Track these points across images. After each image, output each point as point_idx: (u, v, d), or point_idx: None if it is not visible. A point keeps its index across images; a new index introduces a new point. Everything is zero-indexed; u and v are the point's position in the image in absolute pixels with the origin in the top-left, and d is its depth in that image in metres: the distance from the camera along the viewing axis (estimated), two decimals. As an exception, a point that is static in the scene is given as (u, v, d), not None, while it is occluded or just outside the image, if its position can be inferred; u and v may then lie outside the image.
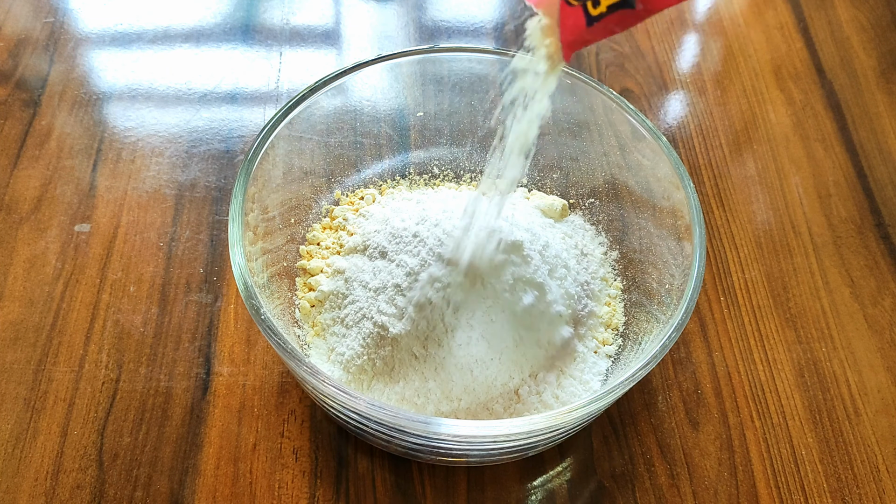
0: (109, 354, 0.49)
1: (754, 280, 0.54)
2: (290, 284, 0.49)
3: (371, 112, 0.55)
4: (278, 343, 0.39)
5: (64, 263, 0.52)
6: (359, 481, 0.45)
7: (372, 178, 0.55)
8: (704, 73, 0.67)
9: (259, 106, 0.62)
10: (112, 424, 0.46)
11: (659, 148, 0.47)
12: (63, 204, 0.55)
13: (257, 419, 0.47)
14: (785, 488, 0.46)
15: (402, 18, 0.70)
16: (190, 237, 0.54)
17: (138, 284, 0.52)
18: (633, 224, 0.51)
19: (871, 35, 0.69)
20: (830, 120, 0.63)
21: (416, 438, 0.39)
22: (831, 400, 0.49)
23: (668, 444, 0.47)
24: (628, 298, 0.50)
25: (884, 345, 0.52)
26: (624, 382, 0.39)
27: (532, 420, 0.38)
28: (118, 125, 0.61)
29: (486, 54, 0.53)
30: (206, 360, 0.49)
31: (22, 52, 0.64)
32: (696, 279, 0.42)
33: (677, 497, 0.45)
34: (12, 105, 0.61)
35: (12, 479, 0.44)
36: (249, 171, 0.44)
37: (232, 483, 0.44)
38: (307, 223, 0.52)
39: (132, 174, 0.57)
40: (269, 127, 0.47)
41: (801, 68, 0.67)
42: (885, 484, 0.46)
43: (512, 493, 0.45)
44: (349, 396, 0.37)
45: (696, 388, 0.49)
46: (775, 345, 0.51)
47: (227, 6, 0.69)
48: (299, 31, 0.68)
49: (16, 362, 0.48)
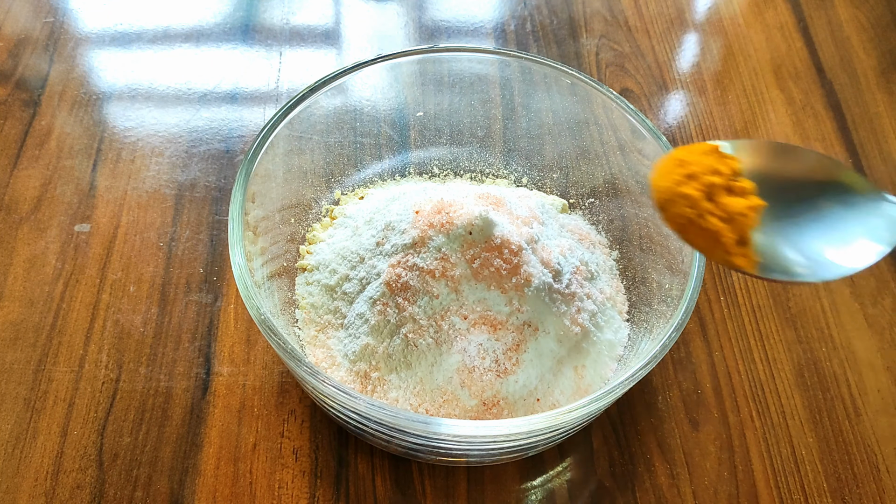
0: (109, 354, 0.49)
1: (754, 280, 0.54)
2: (290, 284, 0.49)
3: (371, 112, 0.55)
4: (278, 343, 0.39)
5: (64, 263, 0.52)
6: (359, 481, 0.45)
7: (372, 177, 0.55)
8: (704, 73, 0.67)
9: (259, 106, 0.62)
10: (112, 424, 0.46)
11: (659, 148, 0.47)
12: (63, 204, 0.56)
13: (257, 419, 0.47)
14: (785, 488, 0.46)
15: (402, 18, 0.70)
16: (190, 237, 0.54)
17: (138, 284, 0.52)
18: (633, 224, 0.51)
19: (871, 35, 0.69)
20: (830, 120, 0.63)
21: (416, 438, 0.39)
22: (831, 400, 0.49)
23: (668, 444, 0.47)
24: (628, 298, 0.50)
25: (884, 345, 0.52)
26: (624, 382, 0.39)
27: (532, 420, 0.37)
28: (118, 125, 0.61)
29: (486, 54, 0.53)
30: (206, 360, 0.49)
31: (22, 52, 0.64)
32: (696, 279, 0.42)
33: (677, 497, 0.45)
34: (12, 105, 0.61)
35: (12, 479, 0.44)
36: (249, 171, 0.45)
37: (232, 483, 0.44)
38: (307, 223, 0.52)
39: (132, 174, 0.57)
40: (269, 127, 0.47)
41: (801, 68, 0.67)
42: (885, 484, 0.46)
43: (512, 493, 0.45)
44: (349, 396, 0.37)
45: (696, 388, 0.49)
46: (775, 344, 0.51)
47: (227, 6, 0.69)
48: (299, 31, 0.68)
49: (16, 362, 0.48)
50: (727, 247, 0.35)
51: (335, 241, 0.50)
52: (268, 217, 0.47)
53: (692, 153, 0.36)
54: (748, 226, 0.35)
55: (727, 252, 0.35)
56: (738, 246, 0.35)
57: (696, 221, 0.35)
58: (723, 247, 0.35)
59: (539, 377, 0.43)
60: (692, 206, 0.35)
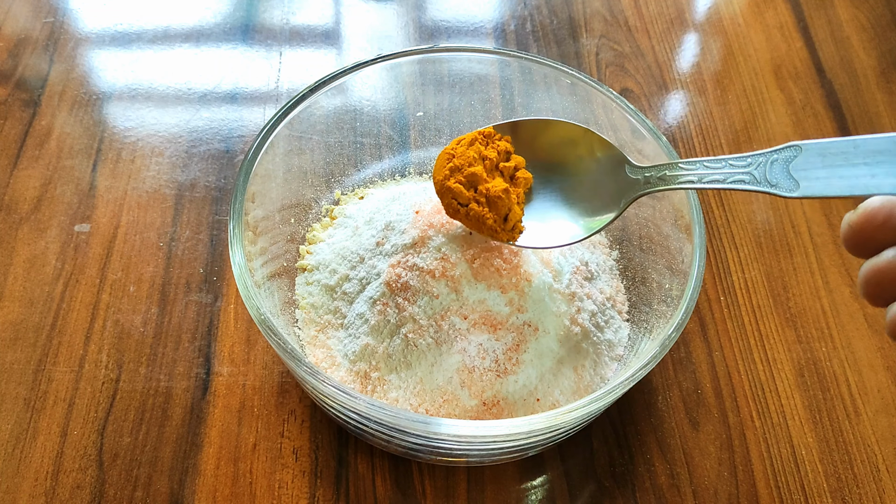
0: (109, 354, 0.49)
1: (754, 280, 0.54)
2: (290, 284, 0.49)
3: (371, 112, 0.55)
4: (278, 343, 0.39)
5: (64, 263, 0.52)
6: (359, 481, 0.45)
7: (372, 177, 0.55)
8: (704, 72, 0.67)
9: (259, 106, 0.62)
10: (112, 424, 0.46)
11: (659, 148, 0.47)
12: (63, 204, 0.56)
13: (257, 419, 0.47)
14: (785, 488, 0.46)
15: (402, 18, 0.70)
16: (190, 237, 0.54)
17: (138, 284, 0.52)
18: (633, 224, 0.51)
19: (871, 35, 0.69)
20: (830, 120, 0.63)
21: (416, 438, 0.39)
22: (831, 400, 0.49)
23: (668, 444, 0.47)
24: (628, 298, 0.50)
25: (884, 345, 0.52)
26: (624, 382, 0.39)
27: (532, 420, 0.37)
28: (118, 125, 0.61)
29: (486, 54, 0.53)
30: (206, 360, 0.49)
31: (22, 52, 0.64)
32: (696, 279, 0.42)
33: (677, 497, 0.45)
34: (12, 105, 0.61)
35: (12, 479, 0.44)
36: (249, 171, 0.44)
37: (232, 483, 0.44)
38: (307, 223, 0.52)
39: (132, 174, 0.57)
40: (269, 127, 0.47)
41: (801, 68, 0.67)
42: (885, 484, 0.46)
43: (512, 493, 0.45)
44: (349, 396, 0.37)
45: (696, 388, 0.49)
46: (775, 344, 0.51)
47: (227, 6, 0.69)
48: (299, 31, 0.68)
49: (16, 362, 0.48)
50: (491, 227, 0.42)
51: (335, 241, 0.50)
52: (268, 217, 0.47)
53: (459, 146, 0.42)
54: (507, 205, 0.41)
55: (492, 231, 0.42)
56: (502, 223, 0.42)
57: (461, 210, 0.42)
58: (488, 228, 0.41)
59: (539, 377, 0.43)
60: (456, 197, 0.41)
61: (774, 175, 0.33)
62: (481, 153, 0.42)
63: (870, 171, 0.30)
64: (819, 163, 0.31)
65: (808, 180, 0.32)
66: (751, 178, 0.34)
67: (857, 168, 0.30)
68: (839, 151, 0.31)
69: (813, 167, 0.32)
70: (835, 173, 0.31)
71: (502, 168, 0.43)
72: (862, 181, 0.30)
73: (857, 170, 0.30)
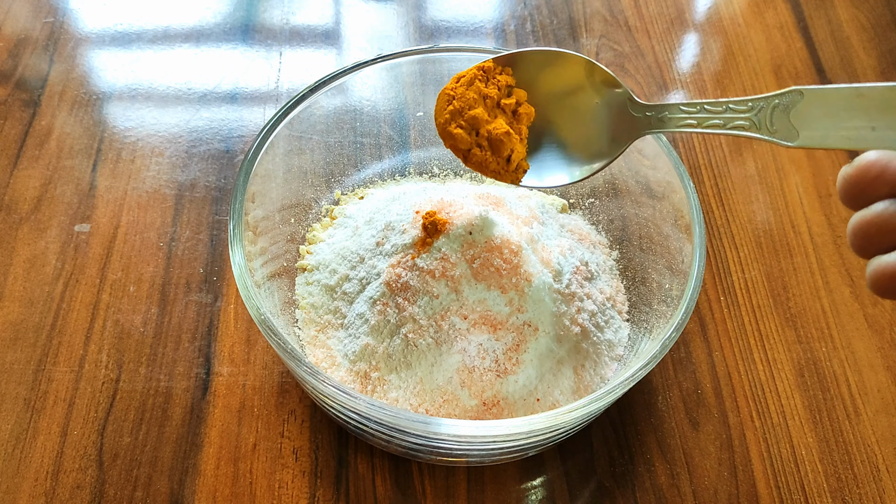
0: (109, 354, 0.49)
1: (754, 280, 0.54)
2: (290, 284, 0.49)
3: (371, 112, 0.55)
4: (278, 343, 0.39)
5: (64, 263, 0.52)
6: (359, 481, 0.45)
7: (372, 177, 0.55)
8: (704, 73, 0.67)
9: (259, 106, 0.62)
10: (112, 424, 0.46)
11: (659, 148, 0.47)
12: (63, 204, 0.56)
13: (257, 419, 0.47)
14: (785, 488, 0.46)
15: (402, 18, 0.70)
16: (190, 237, 0.54)
17: (138, 284, 0.52)
18: (633, 224, 0.51)
19: (871, 35, 0.69)
20: (830, 120, 0.63)
21: (416, 438, 0.39)
22: (831, 400, 0.49)
23: (668, 444, 0.47)
24: (628, 298, 0.50)
25: (884, 345, 0.52)
26: (624, 382, 0.39)
27: (532, 420, 0.37)
28: (118, 125, 0.61)
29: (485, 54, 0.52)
30: (206, 360, 0.49)
31: (22, 52, 0.64)
32: (696, 279, 0.42)
33: (677, 497, 0.45)
34: (12, 105, 0.61)
35: (12, 479, 0.44)
36: (249, 171, 0.45)
37: (232, 483, 0.44)
38: (307, 223, 0.52)
39: (132, 174, 0.57)
40: (269, 127, 0.47)
41: (801, 68, 0.67)
42: (885, 484, 0.46)
43: (512, 493, 0.45)
44: (349, 396, 0.37)
45: (696, 388, 0.49)
46: (775, 345, 0.51)
47: (227, 6, 0.69)
48: (299, 31, 0.68)
49: (16, 362, 0.48)
50: (494, 171, 0.42)
51: (335, 241, 0.50)
52: (268, 217, 0.47)
53: (459, 86, 0.41)
54: (510, 146, 0.41)
55: (496, 173, 0.42)
56: (505, 164, 0.42)
57: (464, 153, 0.41)
58: (491, 172, 0.42)
59: (539, 377, 0.43)
60: (458, 143, 0.41)
61: (775, 122, 0.33)
62: (482, 92, 0.41)
63: (870, 123, 0.29)
64: (820, 111, 0.31)
65: (808, 129, 0.31)
66: (751, 124, 0.34)
67: (858, 119, 0.29)
68: (842, 99, 0.30)
69: (813, 115, 0.31)
70: (835, 123, 0.30)
71: (504, 105, 0.42)
72: (862, 133, 0.29)
73: (858, 121, 0.29)
